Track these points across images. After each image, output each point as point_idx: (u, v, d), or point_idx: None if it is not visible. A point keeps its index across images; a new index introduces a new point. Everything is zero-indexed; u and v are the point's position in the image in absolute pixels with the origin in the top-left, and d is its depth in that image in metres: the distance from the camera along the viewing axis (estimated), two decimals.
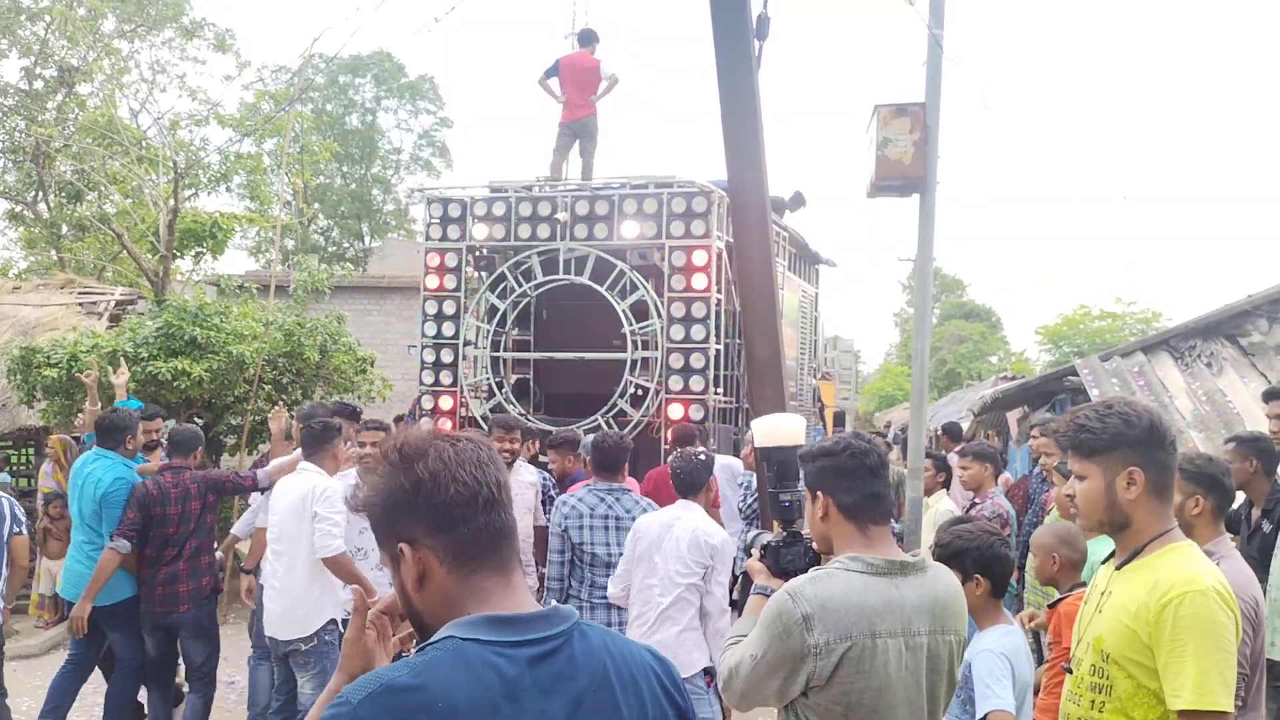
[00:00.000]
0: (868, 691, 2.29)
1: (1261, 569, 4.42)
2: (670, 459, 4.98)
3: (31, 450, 11.22)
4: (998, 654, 3.01)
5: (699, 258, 7.93)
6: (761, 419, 3.14)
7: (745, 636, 2.50)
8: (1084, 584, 3.67)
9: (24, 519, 5.44)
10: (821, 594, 2.30)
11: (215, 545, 5.87)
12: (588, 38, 10.54)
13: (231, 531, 6.51)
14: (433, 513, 1.48)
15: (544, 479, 6.32)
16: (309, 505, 4.80)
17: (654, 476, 6.66)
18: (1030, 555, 4.10)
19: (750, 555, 2.88)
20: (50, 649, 8.20)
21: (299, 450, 5.32)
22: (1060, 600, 3.61)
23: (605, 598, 4.81)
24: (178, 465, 5.59)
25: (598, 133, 10.20)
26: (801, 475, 2.61)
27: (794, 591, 2.33)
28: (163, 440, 6.62)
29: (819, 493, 2.49)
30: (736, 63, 4.88)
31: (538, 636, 1.46)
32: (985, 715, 2.92)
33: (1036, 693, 3.45)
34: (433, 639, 1.45)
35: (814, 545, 2.69)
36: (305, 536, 4.85)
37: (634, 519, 4.79)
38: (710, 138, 4.70)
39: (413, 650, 1.48)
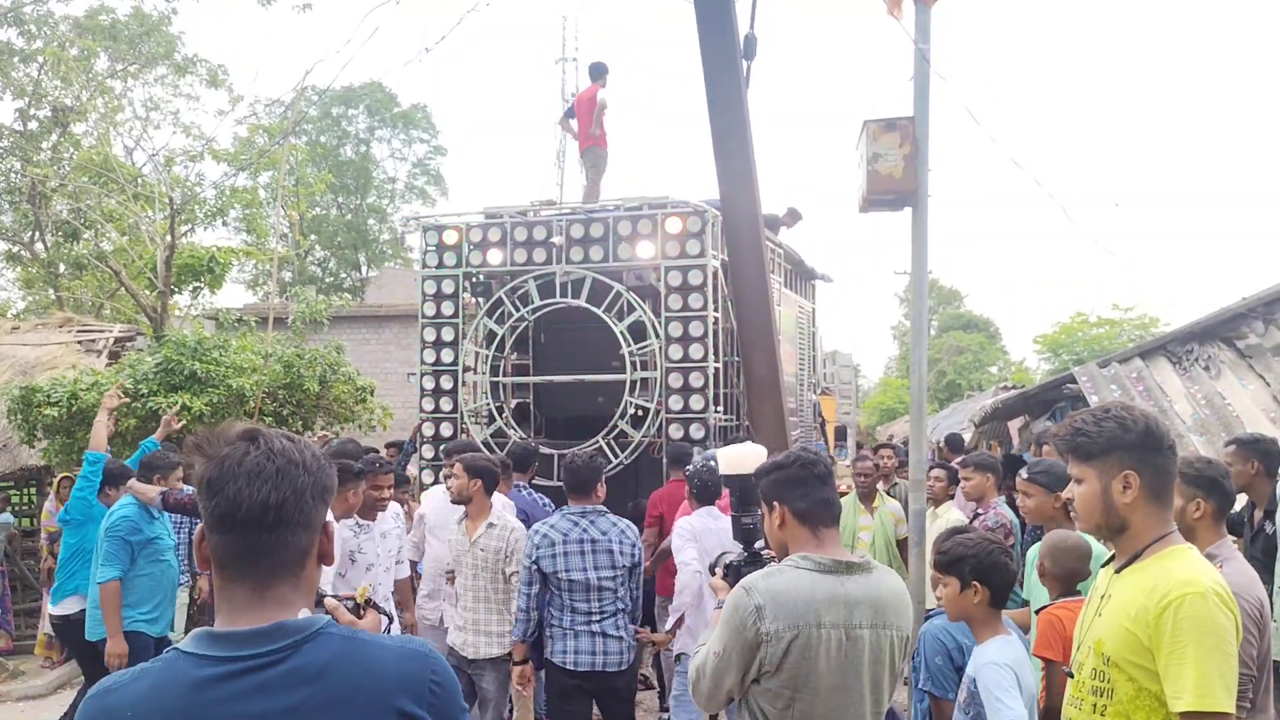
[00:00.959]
0: (812, 676, 2.50)
1: (1265, 570, 4.42)
2: (689, 471, 5.00)
3: (33, 489, 11.20)
4: (1001, 665, 2.99)
5: (695, 277, 7.96)
6: (725, 449, 3.38)
7: None
8: (1072, 595, 3.70)
9: None
10: (773, 587, 2.53)
11: None
12: (594, 71, 10.76)
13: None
14: (206, 515, 1.56)
15: (534, 502, 6.28)
16: None
17: (662, 498, 6.67)
18: None
19: (715, 574, 3.06)
20: (57, 688, 8.16)
21: None
22: (1042, 609, 3.62)
23: (588, 624, 4.77)
24: None
25: (601, 161, 10.34)
26: (759, 490, 2.79)
27: (748, 585, 2.56)
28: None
29: (775, 503, 2.69)
30: (725, 83, 4.93)
31: (248, 653, 1.49)
32: None
33: None
34: (170, 646, 1.57)
35: (774, 562, 2.82)
36: None
37: (611, 540, 4.80)
38: (706, 144, 4.74)
39: None
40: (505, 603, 5.15)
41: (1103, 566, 2.53)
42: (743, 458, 3.18)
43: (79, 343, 12.03)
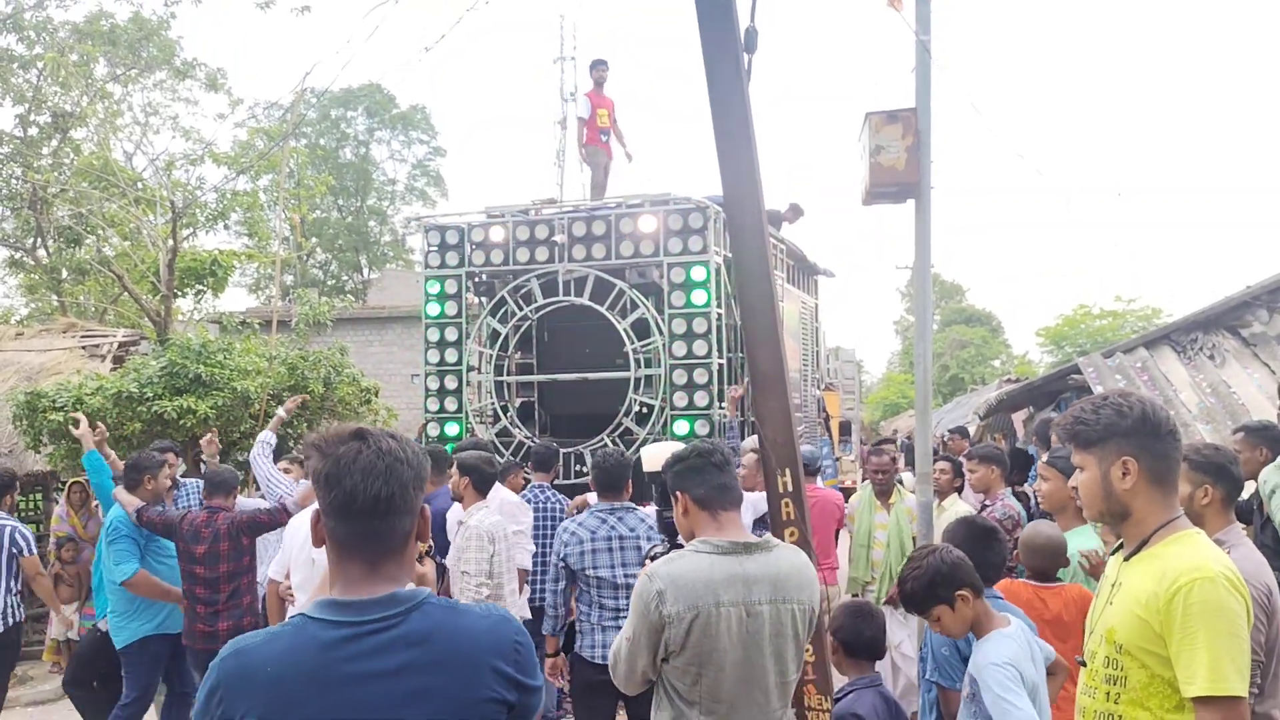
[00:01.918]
0: (715, 652, 2.67)
1: (1275, 557, 4.40)
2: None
3: (40, 495, 11.21)
4: (1002, 665, 2.97)
5: (698, 273, 7.95)
6: (649, 447, 3.43)
7: None
8: (1045, 580, 3.88)
9: (25, 544, 5.98)
10: (673, 572, 2.70)
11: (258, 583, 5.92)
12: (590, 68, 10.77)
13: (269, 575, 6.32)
14: (325, 504, 1.81)
15: (551, 502, 6.31)
16: None
17: None
18: None
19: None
20: (65, 695, 8.16)
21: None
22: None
23: (615, 619, 4.78)
24: (216, 505, 5.62)
25: (590, 166, 10.38)
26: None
27: (650, 572, 2.74)
28: (176, 478, 6.63)
29: (678, 493, 2.89)
30: (726, 77, 4.92)
31: (367, 618, 1.75)
32: None
33: None
34: (296, 612, 1.84)
35: None
36: None
37: (639, 536, 4.83)
38: (708, 140, 4.73)
39: None
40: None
41: (1112, 555, 2.53)
42: (663, 455, 3.30)
43: (83, 348, 12.04)
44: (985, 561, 3.57)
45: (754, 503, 6.58)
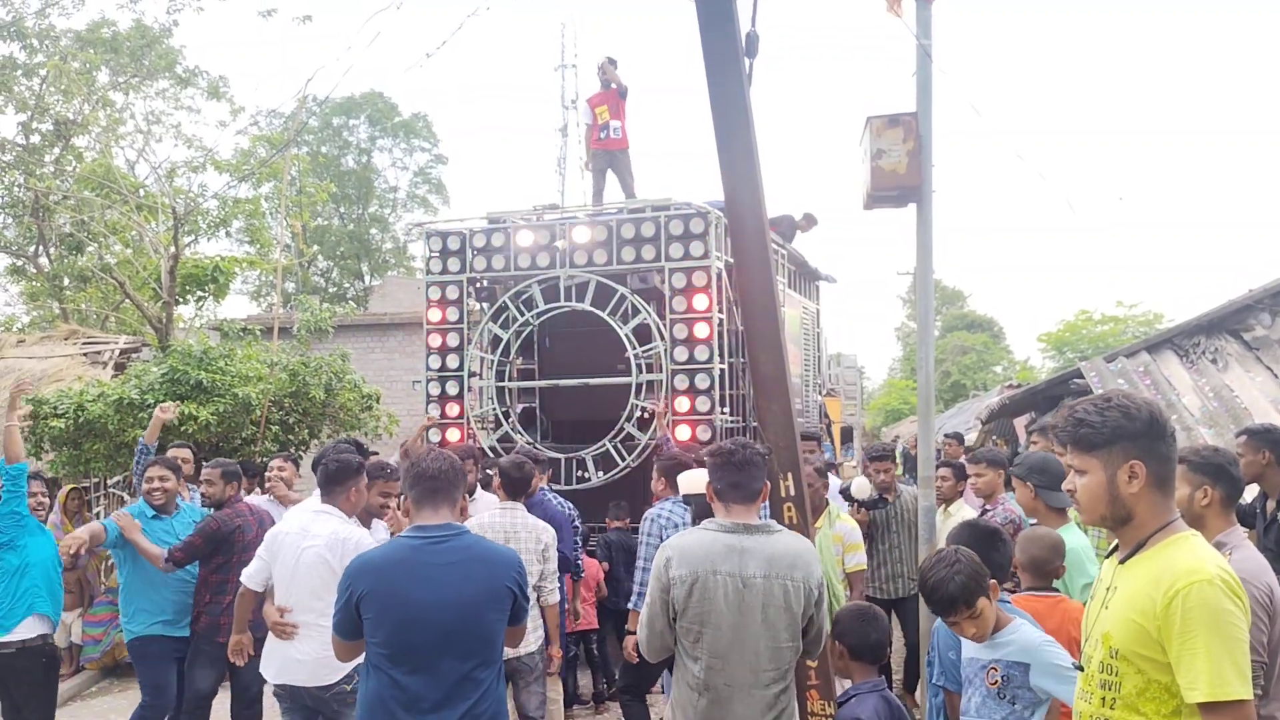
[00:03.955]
0: (713, 614, 3.27)
1: (1279, 562, 4.39)
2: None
3: None
4: (1050, 640, 3.17)
5: (699, 278, 7.94)
6: (687, 474, 4.60)
7: None
8: (1043, 589, 3.78)
9: None
10: (681, 544, 3.38)
11: None
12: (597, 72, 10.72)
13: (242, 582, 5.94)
14: (410, 480, 3.44)
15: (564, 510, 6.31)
16: (340, 554, 4.37)
17: None
18: None
19: None
20: (66, 701, 8.14)
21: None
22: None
23: None
24: (236, 497, 5.71)
25: (592, 172, 10.35)
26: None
27: (665, 544, 3.44)
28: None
29: (708, 483, 3.51)
30: (727, 82, 4.93)
31: (434, 534, 3.35)
32: None
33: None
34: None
35: None
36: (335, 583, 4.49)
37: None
38: (709, 145, 4.75)
39: None
40: None
41: (1106, 558, 2.50)
42: (701, 479, 3.87)
43: (84, 355, 12.07)
44: (991, 563, 3.59)
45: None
